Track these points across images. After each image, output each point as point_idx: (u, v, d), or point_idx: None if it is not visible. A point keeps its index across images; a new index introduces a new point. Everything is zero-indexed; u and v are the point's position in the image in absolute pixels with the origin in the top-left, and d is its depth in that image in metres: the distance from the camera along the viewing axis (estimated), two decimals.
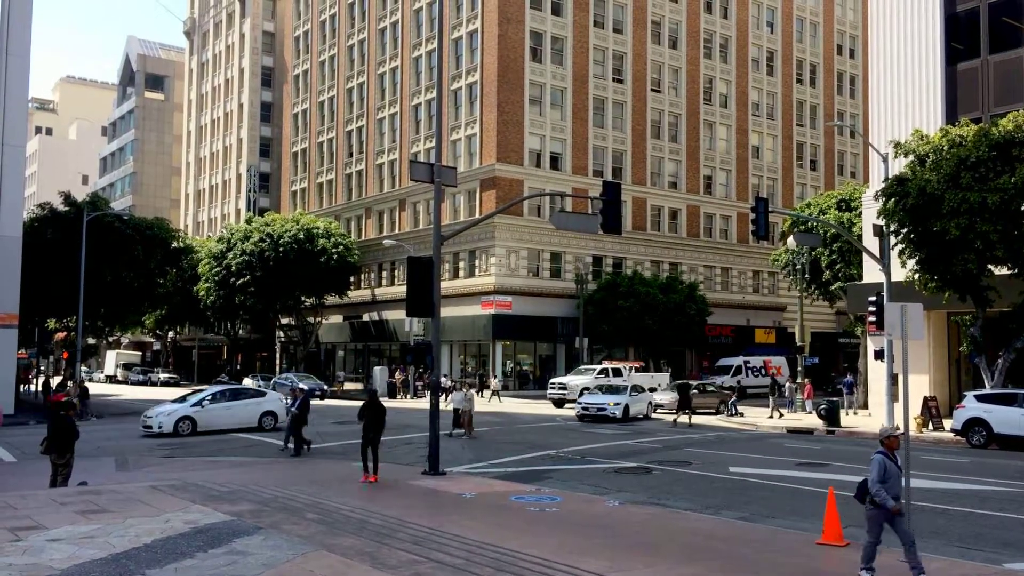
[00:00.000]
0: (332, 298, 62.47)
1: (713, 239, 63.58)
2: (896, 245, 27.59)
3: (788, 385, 40.56)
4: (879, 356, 30.83)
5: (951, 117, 31.99)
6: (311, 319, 64.01)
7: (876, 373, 33.45)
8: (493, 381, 47.85)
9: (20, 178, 36.60)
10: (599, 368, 42.57)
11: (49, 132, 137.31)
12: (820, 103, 71.05)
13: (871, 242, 31.60)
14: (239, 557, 10.19)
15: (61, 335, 64.53)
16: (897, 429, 10.33)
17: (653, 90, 60.79)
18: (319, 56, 72.27)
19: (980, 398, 25.23)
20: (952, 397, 32.40)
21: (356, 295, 63.49)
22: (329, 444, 24.59)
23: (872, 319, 29.44)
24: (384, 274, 62.82)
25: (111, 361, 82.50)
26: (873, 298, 29.57)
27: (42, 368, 61.53)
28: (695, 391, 35.30)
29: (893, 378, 29.47)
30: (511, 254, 52.99)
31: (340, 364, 67.59)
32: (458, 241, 51.67)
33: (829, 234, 40.57)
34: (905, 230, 26.67)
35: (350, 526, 12.08)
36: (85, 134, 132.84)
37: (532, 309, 52.71)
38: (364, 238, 63.96)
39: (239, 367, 72.82)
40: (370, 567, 9.77)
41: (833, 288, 42.70)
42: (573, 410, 38.90)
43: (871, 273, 33.74)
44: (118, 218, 47.08)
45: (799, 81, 69.96)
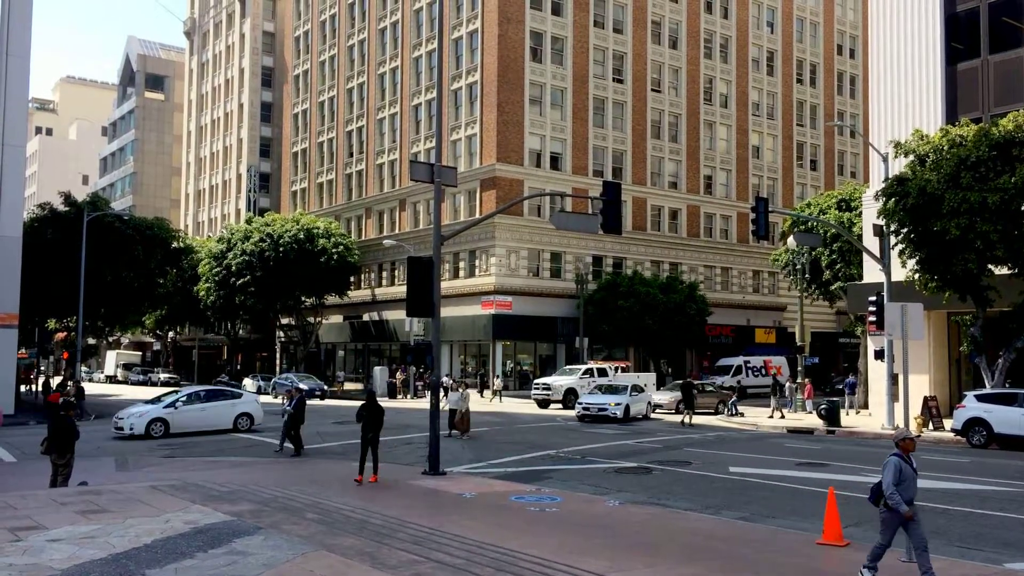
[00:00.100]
0: (332, 298, 62.48)
1: (713, 239, 63.56)
2: (896, 245, 27.57)
3: (788, 385, 40.57)
4: (879, 356, 30.78)
5: (951, 117, 32.00)
6: (311, 319, 64.02)
7: (876, 373, 33.43)
8: (495, 381, 47.83)
9: (20, 178, 36.61)
10: (583, 368, 42.37)
11: (49, 132, 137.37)
12: (820, 103, 71.04)
13: (871, 242, 31.62)
14: (239, 557, 10.19)
15: (61, 335, 64.58)
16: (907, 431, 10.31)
17: (653, 90, 60.78)
18: (319, 56, 72.26)
19: (980, 398, 25.17)
20: (952, 397, 32.37)
21: (356, 295, 63.49)
22: (329, 444, 24.60)
23: (872, 319, 29.36)
24: (384, 274, 62.81)
25: (111, 361, 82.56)
26: (873, 298, 29.53)
27: (42, 368, 61.56)
28: (696, 391, 35.29)
29: (893, 378, 29.49)
30: (511, 254, 52.98)
31: (340, 364, 67.58)
32: (458, 241, 51.67)
33: (829, 234, 40.57)
34: (905, 230, 26.67)
35: (350, 526, 12.08)
36: (85, 134, 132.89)
37: (532, 309, 52.71)
38: (364, 238, 63.96)
39: (239, 367, 72.90)
40: (370, 567, 9.77)
41: (833, 288, 42.68)
42: (557, 410, 39.01)
43: (871, 273, 33.74)
44: (118, 218, 47.12)
45: (799, 81, 69.94)
